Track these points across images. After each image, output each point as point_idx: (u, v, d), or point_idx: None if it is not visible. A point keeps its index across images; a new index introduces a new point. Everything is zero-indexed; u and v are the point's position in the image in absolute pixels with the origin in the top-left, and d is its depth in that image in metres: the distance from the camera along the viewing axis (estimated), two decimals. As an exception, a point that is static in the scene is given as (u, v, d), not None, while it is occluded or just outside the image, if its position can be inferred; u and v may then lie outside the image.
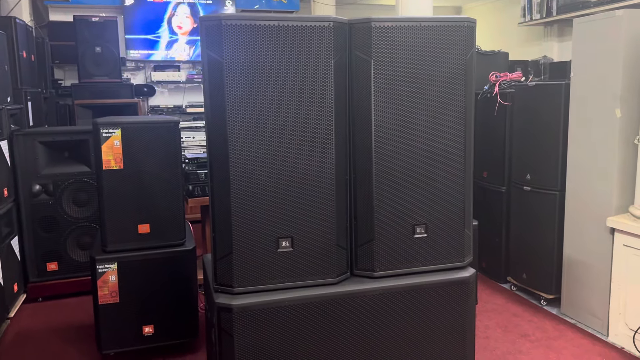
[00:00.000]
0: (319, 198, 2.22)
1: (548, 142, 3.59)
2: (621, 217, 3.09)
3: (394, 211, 2.33)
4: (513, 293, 3.97)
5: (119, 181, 2.91)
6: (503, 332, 3.33)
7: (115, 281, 2.92)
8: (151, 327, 3.00)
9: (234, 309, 2.13)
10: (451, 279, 2.41)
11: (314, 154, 2.19)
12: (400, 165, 2.30)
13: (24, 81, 4.40)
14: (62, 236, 3.97)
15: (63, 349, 3.22)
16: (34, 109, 4.57)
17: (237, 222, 2.14)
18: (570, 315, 3.51)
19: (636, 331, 2.96)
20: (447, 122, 2.34)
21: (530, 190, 3.75)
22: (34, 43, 4.98)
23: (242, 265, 2.18)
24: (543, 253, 3.69)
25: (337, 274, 2.30)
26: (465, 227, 2.44)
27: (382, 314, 2.33)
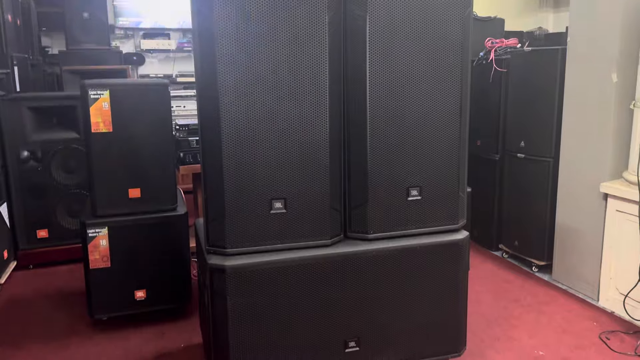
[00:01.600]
0: (313, 159, 2.19)
1: (543, 108, 3.56)
2: (615, 182, 3.09)
3: (388, 173, 2.31)
4: (504, 260, 3.99)
5: (108, 144, 2.85)
6: (494, 298, 3.35)
7: (106, 246, 2.89)
8: (143, 292, 2.99)
9: (227, 270, 2.11)
10: (444, 241, 2.40)
11: (308, 114, 2.15)
12: (395, 127, 2.27)
13: (10, 45, 4.29)
14: (52, 203, 3.92)
15: (54, 315, 3.20)
16: (21, 75, 4.47)
17: (229, 184, 2.11)
18: (561, 281, 3.54)
19: (626, 295, 2.99)
20: (444, 82, 2.30)
21: (524, 158, 3.74)
22: (19, 7, 4.85)
23: (234, 226, 2.15)
24: (535, 220, 3.70)
25: (330, 236, 2.28)
26: (460, 190, 2.43)
27: (376, 276, 2.32)
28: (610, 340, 2.82)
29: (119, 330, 3.00)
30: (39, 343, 2.87)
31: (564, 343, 2.80)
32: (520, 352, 2.72)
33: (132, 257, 2.95)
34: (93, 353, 2.78)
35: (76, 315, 3.19)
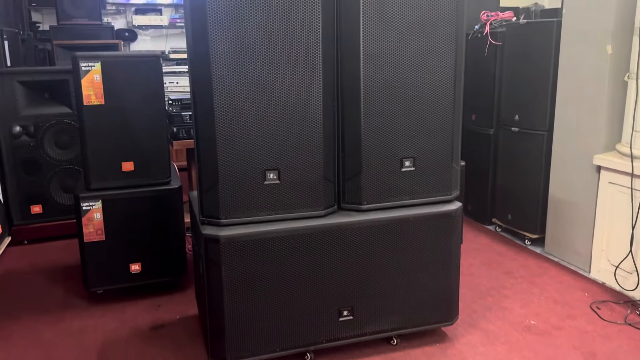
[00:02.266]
0: (306, 130, 2.18)
1: (538, 81, 3.55)
2: (608, 154, 3.10)
3: (382, 144, 2.31)
4: (498, 234, 4.02)
5: (100, 117, 2.83)
6: (487, 270, 3.39)
7: (100, 219, 2.89)
8: (138, 265, 3.00)
9: (221, 240, 2.12)
10: (438, 212, 2.41)
11: (301, 84, 2.14)
12: (389, 97, 2.26)
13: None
14: (46, 179, 3.91)
15: (50, 289, 3.22)
16: (12, 50, 4.42)
17: (223, 154, 2.11)
18: (553, 253, 3.57)
19: (617, 266, 3.02)
20: (438, 52, 2.29)
21: (519, 132, 3.74)
22: (7, -20, 4.77)
23: (228, 197, 2.15)
24: (529, 194, 3.72)
25: (324, 207, 2.29)
26: (453, 161, 2.43)
27: (369, 246, 2.34)
28: (600, 310, 2.86)
29: (114, 302, 3.01)
30: (35, 316, 2.89)
31: (555, 313, 2.83)
32: (512, 321, 2.75)
33: (127, 231, 2.95)
34: (89, 325, 2.80)
35: (72, 289, 3.20)
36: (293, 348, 2.32)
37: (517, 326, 2.71)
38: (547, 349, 2.50)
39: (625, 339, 2.58)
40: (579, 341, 2.57)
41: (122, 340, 2.66)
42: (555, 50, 3.42)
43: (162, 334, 2.70)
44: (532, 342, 2.56)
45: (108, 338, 2.68)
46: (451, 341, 2.58)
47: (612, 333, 2.63)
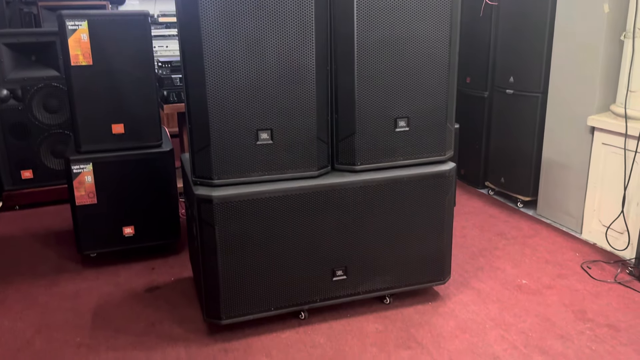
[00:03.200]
0: (299, 89, 2.15)
1: (534, 42, 3.51)
2: (602, 115, 3.09)
3: (376, 104, 2.28)
4: (490, 197, 4.03)
5: (88, 78, 2.77)
6: (480, 232, 3.41)
7: (91, 182, 2.87)
8: (131, 229, 2.99)
9: (214, 200, 2.11)
10: (431, 172, 2.41)
11: (293, 43, 2.09)
12: (383, 56, 2.23)
13: (-19, -21, 4.10)
14: (35, 143, 3.86)
15: (43, 253, 3.21)
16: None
17: (214, 113, 2.08)
18: (545, 215, 3.59)
19: (608, 227, 3.05)
20: (433, 10, 2.24)
21: (513, 94, 3.71)
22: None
23: (220, 157, 2.13)
24: (522, 157, 3.71)
25: (317, 167, 2.28)
26: (448, 121, 2.41)
27: (363, 207, 2.34)
28: (591, 269, 2.89)
29: (108, 266, 3.02)
30: (29, 280, 2.89)
31: (546, 272, 2.87)
32: (503, 281, 2.78)
33: (119, 194, 2.93)
34: (83, 288, 2.80)
35: (65, 253, 3.19)
36: (287, 307, 2.34)
37: (509, 285, 2.74)
38: (538, 307, 2.54)
39: (615, 296, 2.62)
40: (569, 299, 2.61)
41: (117, 302, 2.67)
42: (551, 9, 3.36)
43: (157, 296, 2.71)
44: (523, 301, 2.60)
45: (103, 300, 2.69)
46: (443, 300, 2.61)
47: (602, 291, 2.67)
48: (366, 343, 2.28)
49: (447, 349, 2.24)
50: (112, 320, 2.51)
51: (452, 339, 2.31)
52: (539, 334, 2.33)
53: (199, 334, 2.37)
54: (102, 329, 2.44)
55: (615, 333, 2.33)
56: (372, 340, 2.30)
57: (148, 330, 2.41)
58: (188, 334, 2.38)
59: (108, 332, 2.41)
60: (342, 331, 2.37)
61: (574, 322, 2.42)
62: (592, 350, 2.22)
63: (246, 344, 2.28)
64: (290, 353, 2.23)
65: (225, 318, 2.25)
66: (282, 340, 2.31)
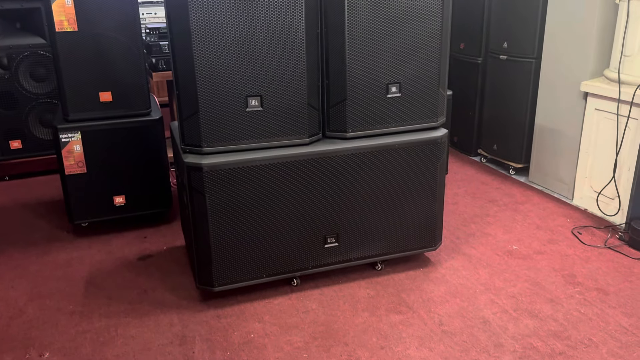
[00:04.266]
0: (289, 54, 2.11)
1: (527, 7, 3.45)
2: (595, 80, 3.07)
3: (367, 69, 2.25)
4: (483, 165, 4.03)
5: (74, 45, 2.71)
6: (471, 199, 3.41)
7: (80, 151, 2.84)
8: (122, 198, 2.97)
9: (204, 168, 2.09)
10: (423, 138, 2.39)
11: (282, 8, 2.04)
12: (374, 20, 2.18)
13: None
14: (23, 113, 3.80)
15: (35, 223, 3.20)
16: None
17: (202, 79, 2.04)
18: (537, 182, 3.60)
19: (599, 192, 3.06)
20: (425, -29, 2.19)
21: (507, 59, 3.67)
22: None
23: (209, 124, 2.11)
24: (515, 123, 3.70)
25: (308, 135, 2.25)
26: (440, 87, 2.39)
27: (354, 174, 2.33)
28: (582, 234, 2.91)
29: (100, 235, 3.01)
30: (21, 249, 2.88)
31: (537, 238, 2.89)
32: (494, 246, 2.80)
33: (108, 163, 2.91)
34: (75, 257, 2.80)
35: (57, 223, 3.18)
36: (279, 274, 2.35)
37: (499, 251, 2.76)
38: (528, 272, 2.56)
39: (604, 261, 2.65)
40: (560, 264, 2.63)
41: (109, 270, 2.67)
42: (546, -28, 3.30)
43: (149, 264, 2.71)
44: (514, 266, 2.62)
45: (95, 268, 2.69)
46: (434, 266, 2.63)
47: (592, 256, 2.70)
48: (358, 308, 2.31)
49: (437, 313, 2.26)
50: (104, 288, 2.51)
51: (442, 303, 2.33)
52: (528, 297, 2.36)
53: (192, 300, 2.38)
54: (95, 296, 2.45)
55: (604, 296, 2.36)
56: (364, 305, 2.33)
57: (141, 298, 2.42)
58: (181, 300, 2.39)
59: (101, 300, 2.42)
60: (334, 297, 2.38)
61: (563, 286, 2.45)
62: (580, 313, 2.25)
63: (239, 310, 2.30)
64: (282, 318, 2.25)
65: (217, 285, 2.26)
66: (275, 306, 2.32)
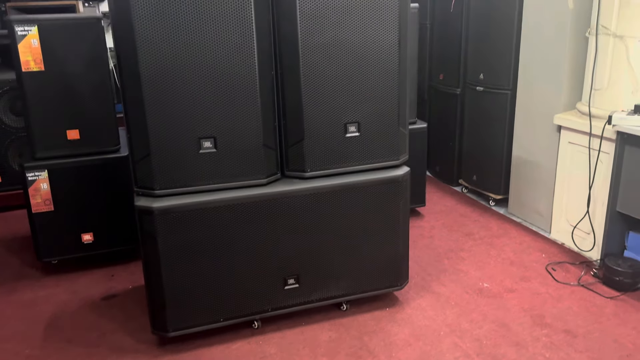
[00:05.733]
0: (241, 96, 2.10)
1: (502, 38, 3.44)
2: (568, 114, 3.03)
3: (324, 109, 2.23)
4: (464, 195, 3.98)
5: (41, 84, 2.72)
6: (448, 232, 3.36)
7: (47, 189, 2.83)
8: (90, 235, 2.95)
9: (155, 212, 2.07)
10: (384, 177, 2.36)
11: (233, 48, 2.04)
12: (329, 60, 2.17)
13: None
14: (2, 147, 3.81)
15: (5, 259, 3.18)
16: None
17: (153, 122, 2.03)
18: (516, 214, 3.55)
19: (575, 226, 3.00)
20: (380, 12, 2.18)
21: (483, 91, 3.65)
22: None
23: (162, 166, 2.09)
24: (493, 154, 3.66)
25: (265, 175, 2.23)
26: (400, 125, 2.36)
27: (314, 214, 2.30)
28: (556, 271, 2.85)
29: (68, 273, 2.98)
30: (-13, 288, 2.86)
31: (510, 275, 2.83)
32: (465, 284, 2.75)
33: (76, 200, 2.89)
34: (41, 296, 2.77)
35: (27, 260, 3.16)
36: (237, 317, 2.30)
37: (470, 289, 2.70)
38: (497, 312, 2.50)
39: (576, 300, 2.58)
40: (530, 303, 2.57)
41: (72, 311, 2.63)
42: (519, 4, 3.30)
43: (112, 304, 2.67)
44: (482, 305, 2.56)
45: (59, 309, 2.65)
46: (402, 305, 2.57)
47: (564, 295, 2.63)
48: (317, 353, 2.25)
49: (398, 358, 2.20)
50: (64, 330, 2.47)
51: (404, 347, 2.27)
52: (493, 341, 2.30)
53: (149, 344, 2.33)
54: (54, 339, 2.41)
55: (571, 339, 2.30)
56: (324, 349, 2.27)
57: (99, 342, 2.38)
58: (138, 344, 2.34)
59: (59, 344, 2.38)
60: (295, 341, 2.33)
61: (531, 327, 2.38)
62: (545, 357, 2.18)
63: (195, 356, 2.25)
64: (239, 364, 2.20)
65: (172, 330, 2.22)
66: (232, 352, 2.27)
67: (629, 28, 2.63)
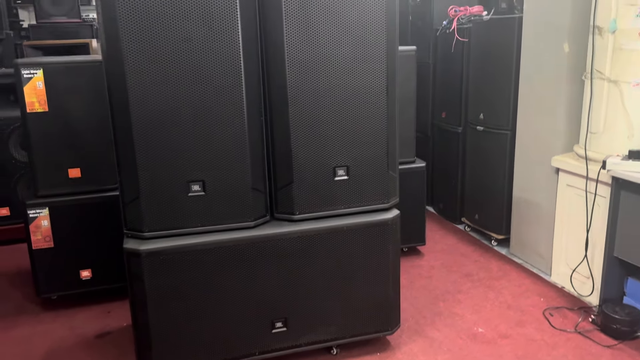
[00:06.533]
0: (230, 140, 2.14)
1: (501, 79, 3.46)
2: (566, 156, 3.02)
3: (313, 153, 2.26)
4: (466, 234, 3.95)
5: (45, 124, 2.81)
6: (447, 272, 3.33)
7: (47, 226, 2.89)
8: (89, 272, 2.99)
9: (142, 254, 2.10)
10: (373, 220, 2.37)
11: (222, 93, 2.09)
12: (317, 105, 2.21)
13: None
14: (12, 181, 3.91)
15: (9, 293, 3.23)
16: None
17: (142, 165, 2.08)
18: (518, 255, 3.50)
19: (574, 270, 2.95)
20: (368, 58, 2.22)
21: (483, 130, 3.65)
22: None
23: (151, 209, 2.13)
24: (494, 194, 3.64)
25: (254, 218, 2.25)
26: (389, 169, 2.38)
27: (303, 257, 2.30)
28: (553, 316, 2.79)
29: (66, 309, 3.02)
30: (-13, 322, 2.91)
31: (506, 319, 2.78)
32: (459, 328, 2.71)
33: (76, 237, 2.95)
34: (39, 332, 2.81)
35: (29, 294, 3.21)
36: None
37: (464, 334, 2.66)
38: (489, 359, 2.46)
39: (572, 347, 2.53)
40: (524, 350, 2.52)
41: (66, 348, 2.66)
42: (517, 46, 3.32)
43: (106, 342, 2.70)
44: (475, 352, 2.52)
45: (54, 346, 2.68)
46: (392, 350, 2.54)
47: (560, 342, 2.58)
48: (303, 398, 2.23)
49: (384, 406, 2.17)
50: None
51: (391, 394, 2.24)
52: (483, 389, 2.26)
53: (137, 385, 2.34)
54: (45, 378, 2.43)
55: (564, 389, 2.24)
56: (310, 394, 2.25)
57: (89, 380, 2.40)
58: (127, 385, 2.35)
59: (49, 382, 2.40)
60: (282, 384, 2.32)
61: (523, 376, 2.34)
62: (535, 409, 2.13)
63: (181, 398, 2.25)
64: (223, 408, 2.18)
65: (158, 372, 2.22)
66: (218, 394, 2.27)
67: (623, 73, 2.63)
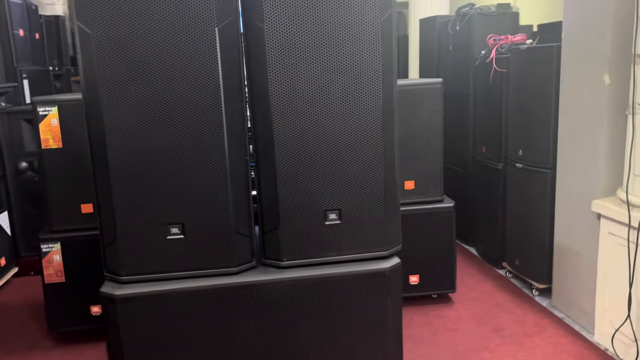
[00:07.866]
0: (210, 182, 2.03)
1: (540, 113, 3.17)
2: (607, 200, 2.67)
3: (301, 195, 2.10)
4: (506, 280, 3.61)
5: (59, 160, 2.86)
6: (476, 325, 3.03)
7: (59, 260, 2.91)
8: (99, 307, 2.98)
9: (117, 300, 2.02)
10: (368, 270, 2.16)
11: (202, 134, 1.99)
12: (306, 146, 2.06)
13: (20, 59, 4.48)
14: (38, 213, 4.04)
15: (27, 326, 3.28)
16: (33, 87, 4.66)
17: (120, 207, 2.01)
18: (560, 308, 3.13)
19: (616, 330, 2.57)
20: (361, 96, 2.05)
21: (522, 168, 3.35)
22: (37, 21, 5.06)
23: (128, 252, 2.04)
24: (536, 237, 3.30)
25: (237, 263, 2.12)
26: (388, 213, 2.17)
27: (290, 307, 2.13)
28: (589, 384, 2.44)
29: (77, 344, 3.01)
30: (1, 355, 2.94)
31: (532, 385, 2.46)
32: (475, 393, 2.42)
33: (87, 272, 2.95)
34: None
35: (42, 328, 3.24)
36: (204, 415, 2.16)
37: (479, 400, 2.37)
38: None
39: None
40: None
41: (66, 386, 2.63)
42: (556, 78, 3.03)
43: (104, 383, 2.64)
44: (488, 423, 2.22)
45: (56, 383, 2.66)
46: (394, 414, 2.29)
47: (592, 417, 2.23)
48: None
49: None
50: (49, 408, 2.46)
51: None
52: None
53: None
54: (36, 418, 2.40)
55: None
56: None
57: None
58: None
59: (38, 423, 2.36)
60: None
61: None
62: None
63: None
64: None
65: None
66: None
67: (667, 107, 2.29)
